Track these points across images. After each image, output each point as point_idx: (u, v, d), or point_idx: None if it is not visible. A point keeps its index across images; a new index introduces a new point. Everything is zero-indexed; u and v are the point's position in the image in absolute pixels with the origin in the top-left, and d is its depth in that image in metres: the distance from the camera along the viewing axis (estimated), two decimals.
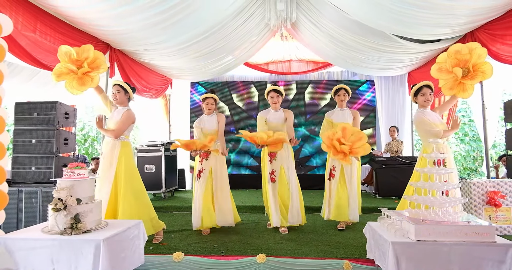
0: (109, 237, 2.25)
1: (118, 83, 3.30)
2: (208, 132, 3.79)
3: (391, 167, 5.80)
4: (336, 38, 5.39)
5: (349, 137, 3.49)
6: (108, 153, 3.17)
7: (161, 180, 5.59)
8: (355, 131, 3.55)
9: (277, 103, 3.86)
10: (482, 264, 2.11)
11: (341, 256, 2.80)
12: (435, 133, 3.04)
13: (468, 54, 2.97)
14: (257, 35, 5.90)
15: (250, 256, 2.77)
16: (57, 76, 3.11)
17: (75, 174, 2.47)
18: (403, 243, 2.14)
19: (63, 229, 2.31)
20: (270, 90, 3.88)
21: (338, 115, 3.99)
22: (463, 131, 8.91)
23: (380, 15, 4.19)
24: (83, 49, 3.06)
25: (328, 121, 4.04)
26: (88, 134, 9.08)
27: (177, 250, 2.87)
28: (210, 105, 3.83)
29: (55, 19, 3.74)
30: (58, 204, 2.32)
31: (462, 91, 3.10)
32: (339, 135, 3.47)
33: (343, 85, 4.03)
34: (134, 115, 3.29)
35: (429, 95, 3.28)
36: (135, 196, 3.13)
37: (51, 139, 4.28)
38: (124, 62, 5.15)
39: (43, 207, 4.09)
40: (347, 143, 3.45)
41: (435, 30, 4.38)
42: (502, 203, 3.49)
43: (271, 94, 3.86)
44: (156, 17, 3.82)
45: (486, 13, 3.68)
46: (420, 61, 5.81)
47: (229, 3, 4.32)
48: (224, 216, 3.73)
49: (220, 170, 3.82)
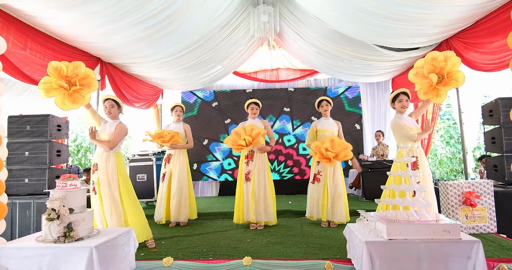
0: (100, 244, 2.38)
1: (111, 98, 3.47)
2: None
3: (377, 170, 5.97)
4: (320, 47, 5.60)
5: (336, 148, 4.07)
6: (103, 164, 3.31)
7: (153, 189, 5.70)
8: (341, 143, 4.12)
9: (256, 113, 4.44)
10: (450, 260, 2.27)
11: (323, 257, 2.94)
12: (409, 136, 3.24)
13: (443, 62, 3.17)
14: (245, 45, 6.10)
15: (236, 259, 2.90)
16: (46, 91, 3.07)
17: (68, 185, 2.60)
18: (376, 242, 2.30)
19: (56, 237, 2.43)
20: (250, 103, 4.45)
21: (323, 124, 4.47)
22: (448, 133, 9.15)
23: (358, 27, 4.41)
24: (74, 65, 3.08)
25: (313, 129, 4.53)
26: (81, 145, 9.16)
27: (168, 255, 2.98)
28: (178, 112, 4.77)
29: (45, 36, 3.83)
30: (52, 214, 2.44)
31: (436, 96, 3.31)
32: (327, 145, 4.09)
33: (325, 97, 4.53)
34: (127, 127, 3.47)
35: (406, 101, 3.50)
36: (134, 203, 3.36)
37: (44, 151, 4.38)
38: (114, 74, 5.29)
39: (37, 218, 4.17)
40: (333, 151, 4.05)
41: (412, 39, 4.60)
42: (477, 202, 3.66)
43: (251, 106, 4.41)
44: (142, 32, 3.99)
45: (456, 24, 3.91)
46: (401, 67, 6.04)
47: (213, 17, 4.51)
48: (178, 213, 4.47)
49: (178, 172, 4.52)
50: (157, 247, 3.43)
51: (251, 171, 4.22)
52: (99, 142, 3.36)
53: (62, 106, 3.14)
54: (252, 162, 4.25)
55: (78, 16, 3.27)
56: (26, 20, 3.43)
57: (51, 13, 3.17)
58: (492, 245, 3.16)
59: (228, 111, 7.66)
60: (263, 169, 4.25)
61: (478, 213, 3.69)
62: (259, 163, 4.24)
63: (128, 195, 3.36)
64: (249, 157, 4.28)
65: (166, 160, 4.65)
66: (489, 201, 3.71)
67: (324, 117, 4.51)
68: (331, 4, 3.97)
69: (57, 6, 3.01)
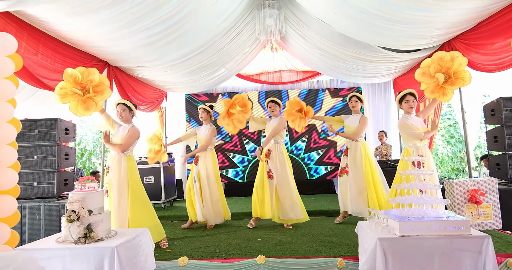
0: (120, 244, 2.44)
1: (122, 102, 3.56)
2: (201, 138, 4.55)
3: (382, 170, 6.03)
4: (323, 49, 5.69)
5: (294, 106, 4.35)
6: (116, 166, 3.38)
7: (160, 191, 5.77)
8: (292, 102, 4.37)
9: (275, 111, 4.47)
10: (461, 255, 2.34)
11: (335, 254, 3.02)
12: (416, 135, 3.33)
13: (450, 62, 3.25)
14: (249, 48, 6.18)
15: (250, 258, 2.96)
16: (61, 97, 3.17)
17: (86, 187, 2.66)
18: (389, 238, 2.37)
19: (76, 238, 2.49)
20: (268, 101, 4.52)
21: (350, 120, 4.51)
22: (449, 133, 9.26)
23: (362, 29, 4.49)
24: (88, 71, 3.17)
25: (339, 118, 4.64)
26: (85, 148, 9.21)
27: (182, 255, 3.05)
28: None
29: (56, 41, 3.90)
30: (72, 216, 2.51)
31: (442, 95, 3.39)
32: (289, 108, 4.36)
33: (356, 93, 4.54)
34: (139, 131, 3.54)
35: (412, 102, 3.60)
36: (143, 205, 3.37)
37: (52, 154, 4.43)
38: (121, 78, 5.36)
39: (46, 222, 4.21)
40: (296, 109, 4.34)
41: (415, 41, 4.70)
42: (482, 200, 3.74)
43: (269, 105, 4.49)
44: (152, 37, 4.07)
45: (458, 26, 4.00)
46: (403, 68, 6.13)
47: (220, 21, 4.59)
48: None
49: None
50: (170, 247, 3.50)
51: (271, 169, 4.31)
52: (112, 145, 3.44)
53: (75, 112, 3.24)
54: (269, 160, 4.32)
55: (92, 22, 3.34)
56: (39, 25, 3.50)
57: (66, 19, 3.25)
58: (498, 241, 3.24)
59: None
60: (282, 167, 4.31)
61: (483, 210, 3.77)
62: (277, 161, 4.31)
63: (138, 198, 3.42)
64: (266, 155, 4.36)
65: (194, 161, 4.60)
66: (494, 198, 3.79)
67: (353, 113, 4.51)
68: (336, 7, 4.06)
69: (73, 13, 3.08)
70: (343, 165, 4.47)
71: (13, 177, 2.60)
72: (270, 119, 4.52)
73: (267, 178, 4.30)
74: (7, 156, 2.51)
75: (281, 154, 4.34)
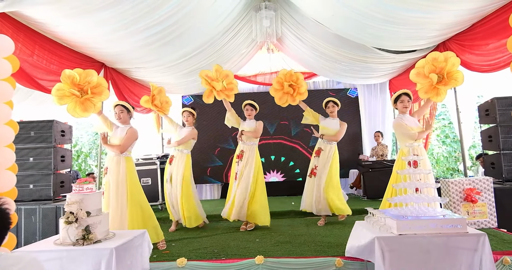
0: (119, 246, 2.43)
1: (121, 104, 3.56)
2: None
3: (377, 170, 6.09)
4: (320, 50, 5.72)
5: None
6: (114, 168, 3.37)
7: (157, 192, 5.75)
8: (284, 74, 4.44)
9: (251, 115, 4.50)
10: (457, 253, 2.37)
11: (332, 254, 3.03)
12: (410, 135, 3.36)
13: (444, 62, 3.29)
14: (245, 49, 6.19)
15: (249, 258, 2.96)
16: (59, 98, 3.15)
17: (84, 188, 2.65)
18: (387, 237, 2.39)
19: (75, 240, 2.48)
20: (245, 104, 4.52)
21: (327, 122, 4.56)
22: (444, 133, 9.34)
23: (358, 30, 4.53)
24: (86, 73, 3.16)
25: (315, 114, 4.65)
26: (81, 150, 9.16)
27: (180, 257, 3.04)
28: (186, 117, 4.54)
29: (52, 42, 3.89)
30: (70, 217, 2.49)
31: (436, 95, 3.43)
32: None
33: (332, 98, 4.58)
34: (137, 132, 3.53)
35: (407, 102, 3.62)
36: (141, 206, 3.37)
37: (48, 156, 4.40)
38: (117, 79, 5.35)
39: (42, 224, 4.19)
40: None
41: (411, 42, 4.75)
42: (478, 199, 3.78)
43: (246, 107, 4.51)
44: (148, 39, 4.07)
45: (453, 27, 4.05)
46: (399, 69, 6.18)
47: (217, 23, 4.60)
48: None
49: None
50: (168, 248, 3.49)
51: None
52: (110, 146, 3.43)
53: (73, 113, 3.21)
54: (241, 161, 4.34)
55: (90, 23, 3.34)
56: (36, 27, 3.49)
57: (63, 20, 3.24)
58: (494, 239, 3.28)
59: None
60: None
61: (479, 209, 3.81)
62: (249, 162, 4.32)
63: (136, 199, 3.42)
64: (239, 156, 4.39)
65: (169, 161, 4.54)
66: (489, 197, 3.83)
67: (331, 117, 4.59)
68: (333, 8, 4.09)
69: (71, 14, 3.08)
70: (313, 166, 4.55)
71: (11, 179, 2.60)
72: (244, 121, 4.53)
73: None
74: (5, 158, 2.51)
75: (253, 155, 4.38)
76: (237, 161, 4.39)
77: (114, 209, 3.33)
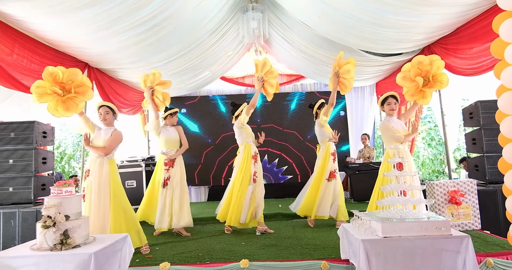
0: (99, 251, 2.35)
1: (106, 104, 3.49)
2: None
3: (364, 172, 6.12)
4: (307, 53, 5.72)
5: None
6: (96, 170, 3.28)
7: (142, 195, 5.62)
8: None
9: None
10: (441, 255, 2.37)
11: (318, 257, 3.01)
12: (396, 138, 3.38)
13: (429, 65, 3.33)
14: (233, 51, 6.16)
15: (233, 262, 2.92)
16: (39, 96, 3.02)
17: (63, 191, 2.57)
18: (372, 240, 2.38)
19: (52, 245, 2.39)
20: None
21: None
22: (429, 136, 9.47)
23: (345, 32, 4.55)
24: (70, 71, 3.06)
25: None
26: (65, 152, 8.96)
27: (163, 261, 2.97)
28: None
29: (33, 41, 3.77)
30: (48, 221, 2.41)
31: (422, 98, 3.47)
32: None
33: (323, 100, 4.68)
34: (122, 134, 3.46)
35: (394, 104, 3.64)
36: (125, 210, 3.30)
37: (29, 159, 4.28)
38: (102, 80, 5.24)
39: (22, 229, 4.06)
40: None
41: (397, 45, 4.78)
42: (462, 201, 3.82)
43: None
44: (133, 38, 3.99)
45: (438, 31, 4.10)
46: (385, 72, 6.23)
47: (203, 23, 4.55)
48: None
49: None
50: (152, 253, 3.42)
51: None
52: (94, 148, 3.34)
53: (54, 112, 3.11)
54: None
55: (71, 21, 3.25)
56: (15, 25, 3.38)
57: (43, 18, 3.15)
58: (477, 241, 3.30)
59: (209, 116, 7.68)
60: None
61: (463, 211, 3.84)
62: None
63: (119, 203, 3.34)
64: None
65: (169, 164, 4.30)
66: (473, 199, 3.87)
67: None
68: (319, 11, 4.09)
69: (50, 12, 2.99)
70: (332, 170, 4.54)
71: None
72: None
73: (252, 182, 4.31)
74: None
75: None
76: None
77: (96, 212, 3.24)
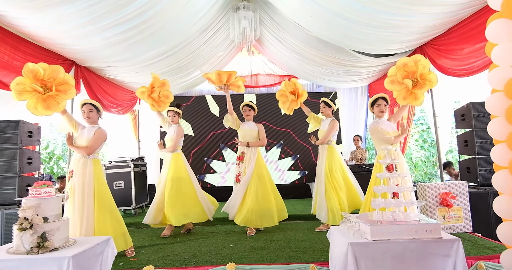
0: (77, 254, 2.26)
1: (90, 102, 3.38)
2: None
3: (356, 174, 6.03)
4: (300, 53, 5.67)
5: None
6: (80, 170, 3.18)
7: (131, 196, 5.53)
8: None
9: (249, 115, 4.47)
10: (432, 259, 2.31)
11: (307, 260, 2.94)
12: (386, 139, 3.33)
13: (414, 66, 3.28)
14: (224, 50, 6.08)
15: (220, 265, 2.84)
16: (18, 93, 2.90)
17: (41, 192, 2.47)
18: (361, 243, 2.31)
19: (29, 248, 2.29)
20: (243, 105, 4.51)
21: (323, 123, 4.52)
22: (422, 138, 9.46)
23: (337, 33, 4.50)
24: (52, 69, 2.95)
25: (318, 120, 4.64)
26: (53, 153, 8.79)
27: (148, 264, 2.89)
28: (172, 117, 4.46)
29: (15, 37, 3.64)
30: (24, 224, 2.31)
31: (414, 99, 3.42)
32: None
33: (324, 98, 4.55)
34: (106, 133, 3.36)
35: (384, 106, 3.60)
36: (110, 212, 3.21)
37: (13, 158, 4.18)
38: (90, 78, 5.13)
39: (5, 230, 3.95)
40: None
41: (389, 46, 4.75)
42: (453, 203, 3.78)
43: (244, 108, 4.48)
44: (120, 35, 3.89)
45: (430, 31, 4.06)
46: (377, 73, 6.21)
47: (193, 22, 4.47)
48: None
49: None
50: (137, 256, 3.33)
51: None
52: (76, 148, 3.24)
53: (33, 110, 2.98)
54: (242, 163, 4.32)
55: (52, 17, 3.14)
56: None
57: (23, 13, 3.03)
58: (469, 244, 3.26)
59: (208, 116, 7.59)
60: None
61: (454, 213, 3.80)
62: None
63: (104, 204, 3.24)
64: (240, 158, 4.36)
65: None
66: (464, 201, 3.83)
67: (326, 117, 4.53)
68: (311, 10, 4.03)
69: (29, 6, 2.88)
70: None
71: None
72: (243, 123, 4.49)
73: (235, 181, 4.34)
74: None
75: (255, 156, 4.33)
76: (238, 162, 4.37)
77: (79, 214, 3.14)
